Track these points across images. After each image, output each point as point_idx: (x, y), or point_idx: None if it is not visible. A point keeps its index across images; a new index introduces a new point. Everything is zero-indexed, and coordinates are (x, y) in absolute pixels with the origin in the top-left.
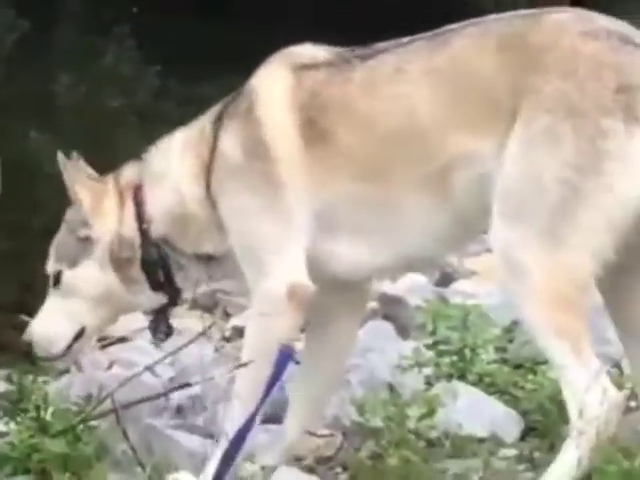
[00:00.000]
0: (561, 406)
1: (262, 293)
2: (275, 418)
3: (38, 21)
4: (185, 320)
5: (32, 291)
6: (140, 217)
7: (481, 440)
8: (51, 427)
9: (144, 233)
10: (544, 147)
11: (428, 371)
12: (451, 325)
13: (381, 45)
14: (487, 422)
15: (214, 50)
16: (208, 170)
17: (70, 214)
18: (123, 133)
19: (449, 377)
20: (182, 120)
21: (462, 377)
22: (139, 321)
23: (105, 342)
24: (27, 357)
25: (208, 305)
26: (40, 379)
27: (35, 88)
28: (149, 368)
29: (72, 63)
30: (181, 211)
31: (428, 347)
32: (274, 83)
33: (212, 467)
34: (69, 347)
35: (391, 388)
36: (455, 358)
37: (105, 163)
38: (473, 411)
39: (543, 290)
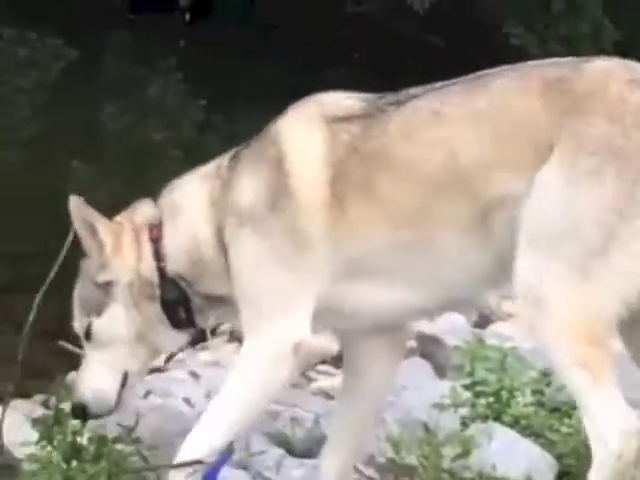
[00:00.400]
0: None
1: (264, 345)
2: (309, 453)
3: (85, 51)
4: (223, 352)
5: (71, 318)
6: (158, 255)
7: None
8: (86, 452)
9: (161, 271)
10: (586, 187)
11: (464, 411)
12: (488, 367)
13: (413, 91)
14: (522, 464)
15: (261, 87)
16: (220, 211)
17: (85, 264)
18: (165, 166)
19: (485, 418)
20: None
21: (498, 419)
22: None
23: None
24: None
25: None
26: None
27: (79, 117)
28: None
29: (118, 93)
30: (196, 250)
31: (465, 387)
32: (307, 135)
33: None
34: (120, 397)
35: (426, 427)
36: (492, 399)
37: (145, 195)
38: (508, 453)
39: (568, 324)
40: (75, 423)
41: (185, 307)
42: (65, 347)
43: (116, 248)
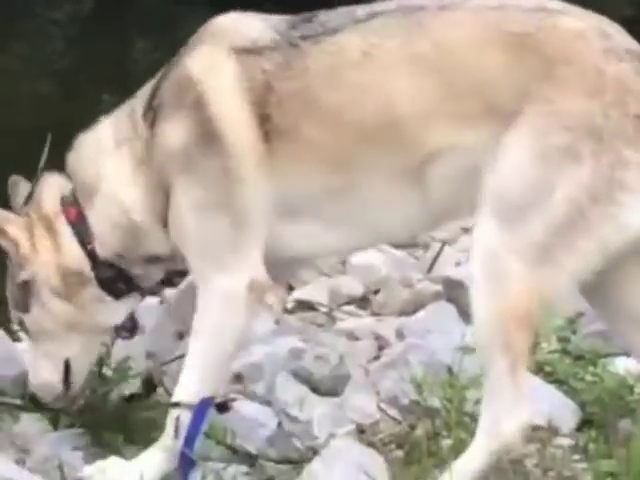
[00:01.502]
0: (620, 400)
1: (219, 289)
2: (333, 391)
3: None
4: None
5: None
6: (83, 238)
7: (537, 427)
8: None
9: (92, 254)
10: (560, 164)
11: None
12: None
13: (331, 20)
14: (545, 410)
15: None
16: (152, 170)
17: (10, 263)
18: None
19: None
20: None
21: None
22: None
23: None
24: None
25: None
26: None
27: (112, 51)
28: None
29: (152, 29)
30: (126, 220)
31: None
32: (219, 73)
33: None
34: (68, 383)
35: (450, 370)
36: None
37: None
38: (531, 398)
39: (513, 302)
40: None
41: (124, 279)
42: None
43: (32, 244)
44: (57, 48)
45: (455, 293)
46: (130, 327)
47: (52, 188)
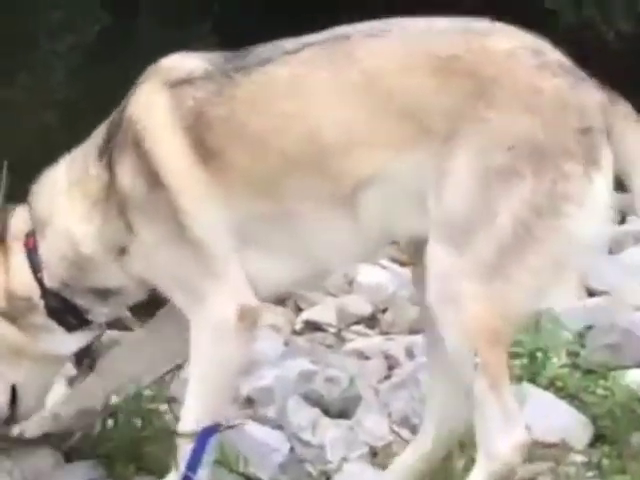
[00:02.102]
0: (632, 413)
1: (208, 321)
2: (345, 413)
3: (121, 14)
4: None
5: None
6: (34, 266)
7: (550, 445)
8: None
9: (40, 282)
10: (502, 184)
11: None
12: (523, 328)
13: (262, 53)
14: (557, 427)
15: None
16: (105, 208)
17: None
18: None
19: (519, 380)
20: None
21: (532, 380)
22: None
23: None
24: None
25: (280, 298)
26: None
27: (114, 81)
28: None
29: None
30: (75, 253)
31: None
32: (152, 108)
33: None
34: (14, 411)
35: None
36: (526, 361)
37: None
38: (543, 415)
39: (475, 322)
40: None
41: (72, 312)
42: None
43: None
44: (59, 79)
45: None
46: (89, 363)
47: (19, 216)
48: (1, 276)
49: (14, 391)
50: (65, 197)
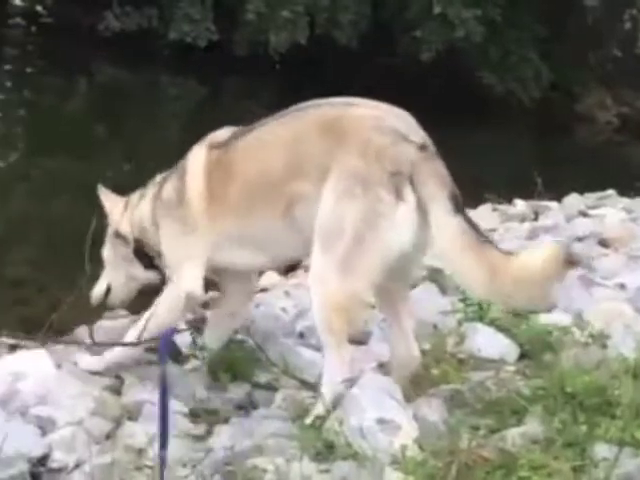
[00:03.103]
0: (544, 340)
1: (172, 286)
2: (363, 342)
3: (213, 88)
4: (303, 278)
5: None
6: (130, 224)
7: (492, 360)
8: None
9: (133, 232)
10: (344, 202)
11: (459, 316)
12: None
13: (258, 122)
14: (496, 349)
15: None
16: (157, 207)
17: None
18: None
19: (472, 320)
20: None
21: (480, 320)
22: (273, 279)
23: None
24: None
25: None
26: None
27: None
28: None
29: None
30: (143, 226)
31: (460, 301)
32: (196, 158)
33: None
34: (106, 298)
35: (435, 326)
36: (477, 308)
37: None
38: (487, 342)
39: (330, 299)
40: None
41: (145, 256)
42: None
43: (112, 213)
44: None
45: (435, 276)
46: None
47: (137, 194)
48: (118, 221)
49: (109, 288)
50: (149, 194)
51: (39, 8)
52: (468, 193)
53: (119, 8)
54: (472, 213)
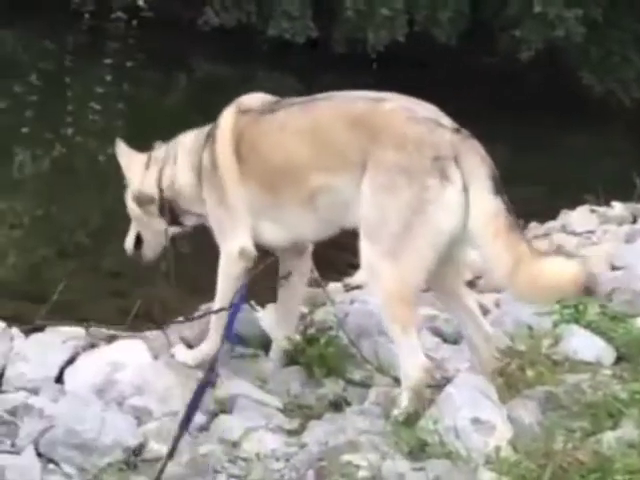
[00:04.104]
0: None
1: (224, 251)
2: (457, 341)
3: (311, 85)
4: None
5: None
6: (159, 182)
7: (588, 363)
8: (314, 339)
9: (160, 192)
10: (388, 194)
11: (555, 317)
12: None
13: (289, 100)
14: (592, 352)
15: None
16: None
17: None
18: None
19: (568, 322)
20: None
21: (577, 322)
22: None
23: (347, 287)
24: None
25: None
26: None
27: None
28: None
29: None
30: (176, 187)
31: (556, 302)
32: (225, 123)
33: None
34: (138, 251)
35: (530, 327)
36: (573, 310)
37: None
38: (583, 344)
39: (388, 290)
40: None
41: (171, 213)
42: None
43: (130, 169)
44: None
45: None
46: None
47: (161, 149)
48: (140, 180)
49: (139, 240)
50: (184, 153)
51: (140, 2)
52: (566, 193)
53: (219, 3)
54: (570, 214)
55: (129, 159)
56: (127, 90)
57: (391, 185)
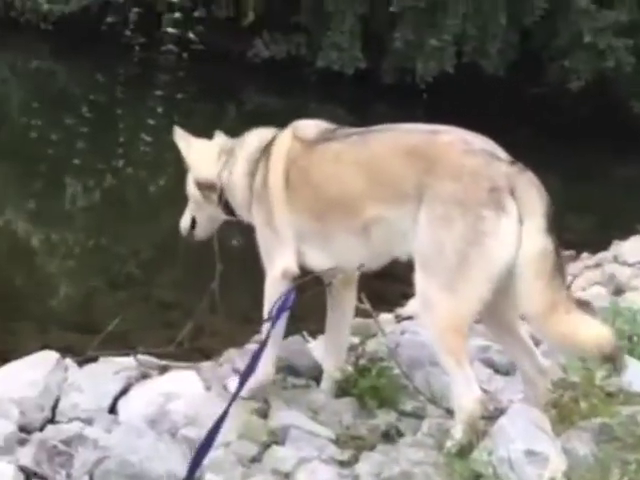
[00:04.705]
0: None
1: (269, 271)
2: (509, 373)
3: (361, 116)
4: None
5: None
6: (221, 175)
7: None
8: (366, 370)
9: (220, 184)
10: (443, 226)
11: None
12: (624, 319)
13: (342, 132)
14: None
15: None
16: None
17: None
18: None
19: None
20: None
21: (631, 353)
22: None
23: (399, 318)
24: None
25: None
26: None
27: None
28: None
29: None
30: (231, 186)
31: None
32: (281, 146)
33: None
34: (193, 231)
35: (584, 359)
36: (626, 341)
37: None
38: (638, 376)
39: (441, 321)
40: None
41: (227, 205)
42: None
43: (190, 157)
44: None
45: (584, 309)
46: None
47: (228, 141)
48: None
49: (194, 221)
50: (243, 157)
51: (191, 35)
52: (618, 223)
53: (269, 36)
54: (622, 244)
55: (188, 144)
56: (178, 121)
57: (447, 217)
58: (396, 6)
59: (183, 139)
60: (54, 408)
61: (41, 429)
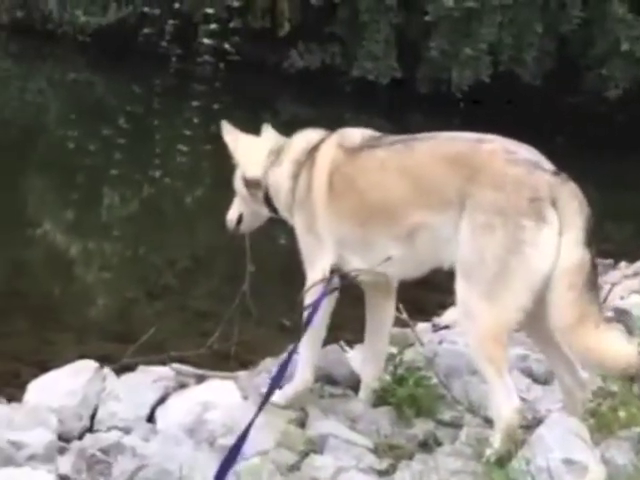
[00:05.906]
0: None
1: (309, 276)
2: (547, 382)
3: (398, 125)
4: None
5: None
6: (265, 176)
7: None
8: (404, 379)
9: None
10: (484, 234)
11: None
12: None
13: (384, 139)
14: None
15: None
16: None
17: None
18: None
19: None
20: None
21: None
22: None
23: (436, 328)
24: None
25: None
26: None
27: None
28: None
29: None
30: (275, 187)
31: None
32: (326, 153)
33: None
34: (239, 225)
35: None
36: None
37: None
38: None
39: (482, 330)
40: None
41: (271, 204)
42: None
43: (238, 153)
44: None
45: (623, 317)
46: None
47: (278, 141)
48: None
49: (240, 216)
50: (289, 159)
51: (227, 46)
52: None
53: (304, 46)
54: None
55: (236, 140)
56: (214, 132)
57: (488, 225)
58: (431, 15)
59: (231, 134)
60: (92, 417)
61: (80, 438)
